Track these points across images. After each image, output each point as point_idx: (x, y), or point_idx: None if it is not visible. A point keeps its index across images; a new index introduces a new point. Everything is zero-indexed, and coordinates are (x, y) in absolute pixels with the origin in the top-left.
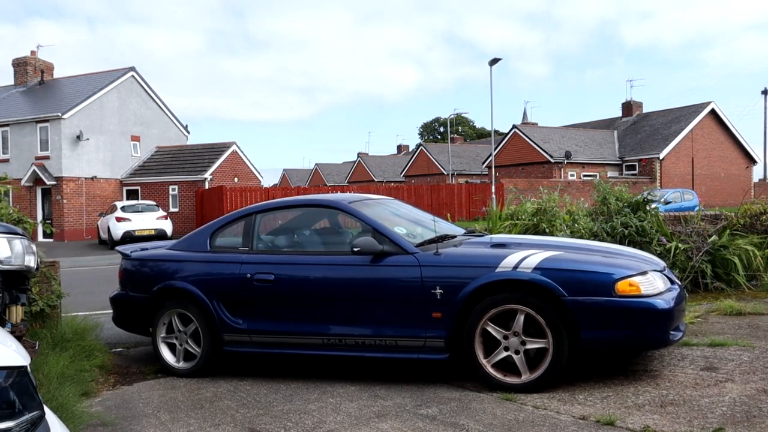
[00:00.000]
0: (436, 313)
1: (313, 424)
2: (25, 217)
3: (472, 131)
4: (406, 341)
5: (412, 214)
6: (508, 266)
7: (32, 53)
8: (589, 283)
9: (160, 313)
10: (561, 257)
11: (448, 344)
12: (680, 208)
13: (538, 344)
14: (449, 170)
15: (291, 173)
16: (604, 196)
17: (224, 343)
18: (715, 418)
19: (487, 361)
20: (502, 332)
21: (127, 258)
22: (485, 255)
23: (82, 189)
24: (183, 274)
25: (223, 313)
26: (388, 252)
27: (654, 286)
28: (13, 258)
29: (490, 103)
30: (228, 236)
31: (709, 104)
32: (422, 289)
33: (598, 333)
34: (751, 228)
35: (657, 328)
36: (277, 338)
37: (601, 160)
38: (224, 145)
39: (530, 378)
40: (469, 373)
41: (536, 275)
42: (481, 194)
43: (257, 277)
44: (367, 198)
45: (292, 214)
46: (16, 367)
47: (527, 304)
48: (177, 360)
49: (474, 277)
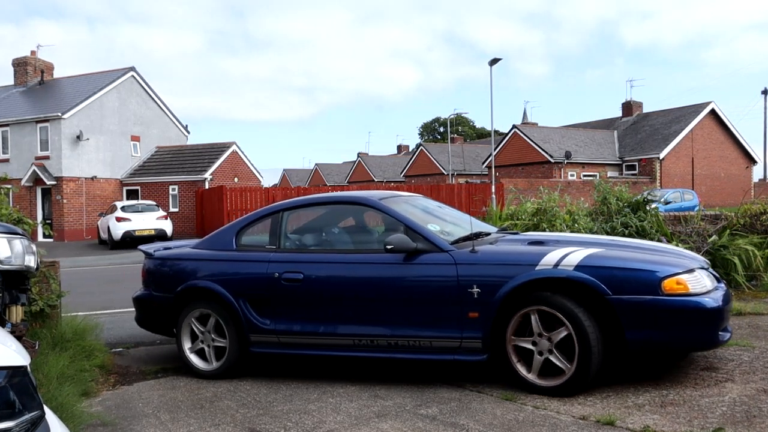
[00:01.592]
0: (473, 313)
1: (313, 424)
2: (25, 217)
3: (472, 131)
4: (441, 342)
5: (443, 211)
6: (548, 264)
7: (32, 53)
8: (634, 281)
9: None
10: (603, 254)
11: (485, 345)
12: (680, 208)
13: (561, 365)
14: (449, 170)
15: (291, 173)
16: (605, 196)
17: (251, 343)
18: (715, 418)
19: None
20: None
21: (150, 257)
22: (524, 252)
23: (82, 189)
24: (208, 274)
25: (250, 313)
26: (422, 250)
27: (702, 284)
28: (13, 258)
29: (490, 103)
30: (254, 234)
31: (709, 104)
32: (458, 288)
33: (643, 333)
34: (751, 228)
35: (706, 328)
36: (306, 339)
37: (601, 160)
38: (224, 145)
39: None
40: (503, 376)
41: (578, 273)
42: (481, 194)
43: (285, 276)
44: (397, 194)
45: (320, 211)
46: (16, 366)
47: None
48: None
49: (513, 275)
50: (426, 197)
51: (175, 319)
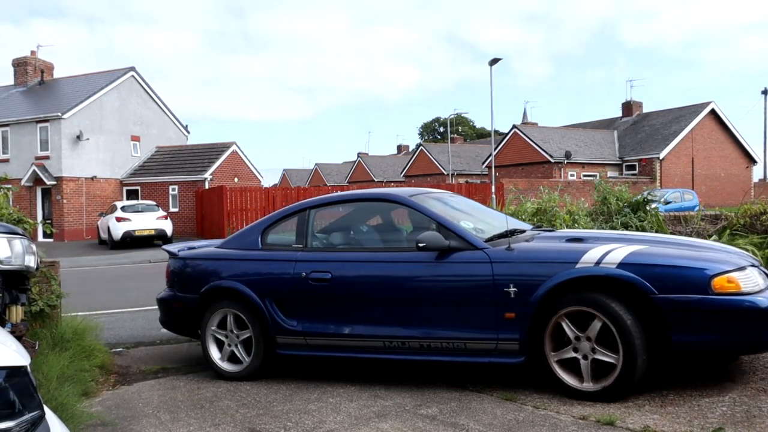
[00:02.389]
0: (510, 314)
1: (313, 424)
2: (25, 217)
3: (472, 131)
4: (476, 344)
5: (473, 208)
6: (589, 261)
7: (32, 53)
8: (681, 280)
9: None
10: (648, 251)
11: (522, 347)
12: (680, 208)
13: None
14: (449, 170)
15: (291, 173)
16: (605, 196)
17: (277, 345)
18: (715, 418)
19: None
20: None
21: (174, 257)
22: (563, 250)
23: (82, 189)
24: (234, 274)
25: (276, 314)
26: (455, 248)
27: (754, 283)
28: (13, 258)
29: (490, 103)
30: (280, 233)
31: (709, 104)
32: (494, 288)
33: (691, 335)
34: (751, 228)
35: (760, 329)
36: (335, 341)
37: (601, 160)
38: (224, 145)
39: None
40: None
41: (622, 271)
42: (481, 194)
43: (313, 276)
44: (426, 191)
45: (347, 209)
46: (16, 366)
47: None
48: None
49: (552, 273)
50: (454, 194)
51: (200, 321)
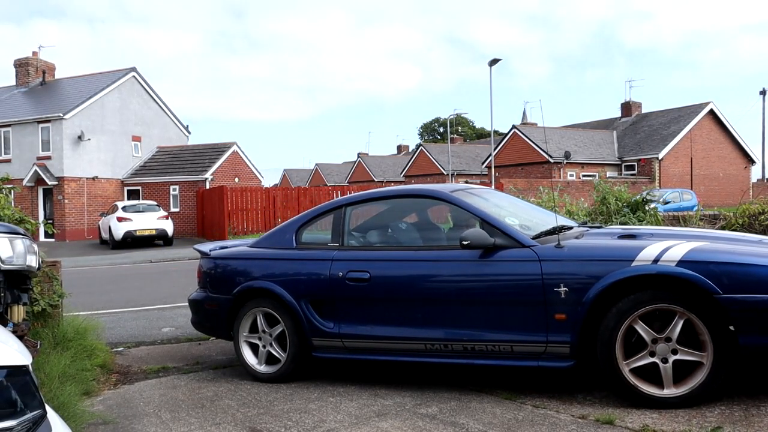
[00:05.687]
0: (560, 315)
1: (313, 423)
2: (26, 217)
3: (471, 131)
4: (523, 347)
5: (516, 204)
6: (646, 259)
7: (34, 54)
8: (748, 278)
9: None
10: (709, 248)
11: (573, 350)
12: (679, 208)
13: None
14: (449, 170)
15: (291, 173)
16: (604, 196)
17: (313, 348)
18: (713, 417)
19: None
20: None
21: (206, 257)
22: (618, 247)
23: (83, 189)
24: (267, 274)
25: (312, 315)
26: (501, 245)
27: None
28: (15, 258)
29: (489, 104)
30: (315, 232)
31: (707, 104)
32: (543, 287)
33: (761, 338)
34: (749, 228)
35: None
36: (374, 343)
37: (601, 160)
38: (225, 145)
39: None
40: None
41: (683, 269)
42: None
43: (350, 275)
44: (467, 187)
45: (385, 206)
46: (18, 366)
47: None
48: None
49: (606, 272)
50: (495, 190)
51: (233, 322)
